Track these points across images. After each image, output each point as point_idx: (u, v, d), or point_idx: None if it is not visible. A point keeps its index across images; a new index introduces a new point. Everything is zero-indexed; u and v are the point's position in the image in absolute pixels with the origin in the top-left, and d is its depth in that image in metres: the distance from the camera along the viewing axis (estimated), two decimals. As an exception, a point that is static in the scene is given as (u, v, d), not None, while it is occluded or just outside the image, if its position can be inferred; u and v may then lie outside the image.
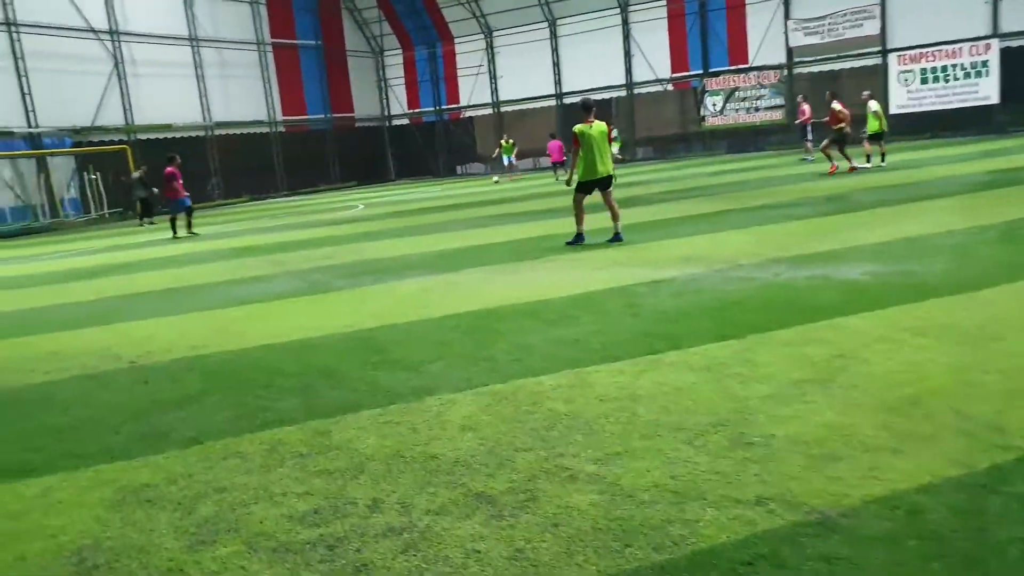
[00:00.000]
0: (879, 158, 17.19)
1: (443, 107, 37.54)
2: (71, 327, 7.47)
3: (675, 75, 31.89)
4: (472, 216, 15.56)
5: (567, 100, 34.28)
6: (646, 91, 32.72)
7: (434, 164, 38.17)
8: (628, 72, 32.58)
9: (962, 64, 27.71)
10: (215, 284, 9.53)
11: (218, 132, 30.60)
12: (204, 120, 30.06)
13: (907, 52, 28.07)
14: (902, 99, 28.46)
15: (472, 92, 36.43)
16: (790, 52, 29.53)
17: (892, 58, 28.40)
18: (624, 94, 33.01)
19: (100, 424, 4.48)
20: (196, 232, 16.89)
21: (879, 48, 28.33)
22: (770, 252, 8.21)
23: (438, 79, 37.41)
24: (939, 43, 27.26)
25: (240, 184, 31.14)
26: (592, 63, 32.98)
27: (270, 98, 32.98)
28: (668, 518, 2.82)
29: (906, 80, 28.62)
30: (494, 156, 28.19)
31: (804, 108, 22.07)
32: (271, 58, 33.04)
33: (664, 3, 31.37)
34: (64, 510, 3.35)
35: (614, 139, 29.47)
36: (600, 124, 9.37)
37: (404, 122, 38.82)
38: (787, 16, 29.18)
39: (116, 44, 26.53)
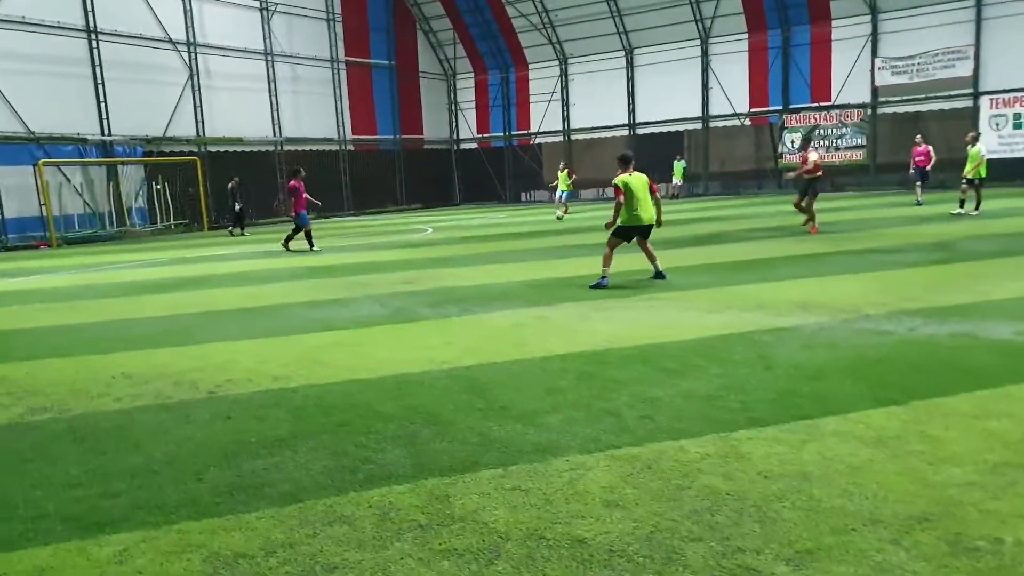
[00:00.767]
0: (973, 205, 16.01)
1: (513, 132, 37.34)
2: (144, 346, 7.10)
3: (753, 110, 30.98)
4: (548, 245, 15.00)
5: (640, 131, 33.67)
6: (722, 125, 31.88)
7: (500, 190, 37.90)
8: (705, 105, 31.80)
9: (1058, 110, 26.34)
10: (293, 305, 9.13)
11: (287, 148, 30.89)
12: (274, 135, 30.39)
13: (1000, 95, 26.70)
14: (993, 144, 26.99)
15: (543, 118, 36.13)
16: (875, 91, 28.38)
17: (984, 101, 27.03)
18: (700, 127, 32.23)
19: (181, 467, 3.98)
20: (315, 248, 16.25)
21: (971, 90, 27.03)
22: (895, 302, 7.41)
23: (509, 104, 37.25)
24: (1035, 87, 25.94)
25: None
26: (668, 94, 32.33)
27: (341, 116, 33.23)
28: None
29: (997, 125, 27.21)
30: (552, 185, 27.53)
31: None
32: (344, 76, 33.35)
33: (746, 37, 30.59)
34: (148, 582, 2.82)
35: (676, 170, 28.85)
36: (640, 175, 9.44)
37: (472, 146, 38.74)
38: (875, 54, 28.09)
39: (192, 55, 27.04)
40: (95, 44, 24.03)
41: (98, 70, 24.09)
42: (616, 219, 9.35)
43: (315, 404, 5.00)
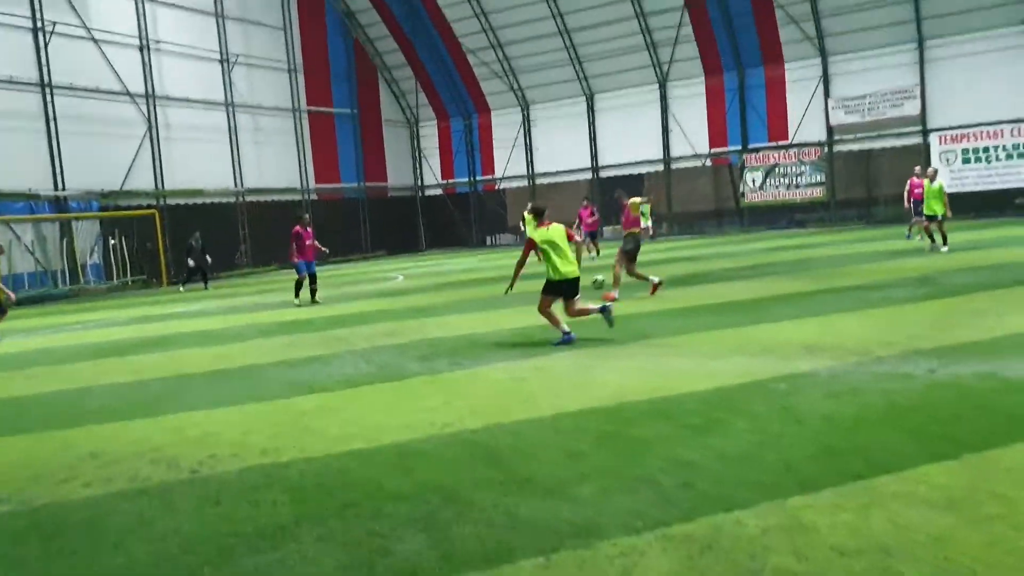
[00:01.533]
0: (941, 239, 15.97)
1: (477, 178, 37.29)
2: (111, 418, 6.48)
3: (713, 150, 31.45)
4: (527, 290, 14.62)
5: (603, 173, 33.87)
6: (683, 166, 32.28)
7: (466, 234, 37.66)
8: (665, 147, 32.20)
9: (1003, 146, 27.34)
10: (268, 365, 8.56)
11: (249, 199, 30.25)
12: (235, 186, 29.75)
13: (948, 132, 27.63)
14: (945, 178, 27.83)
15: (507, 163, 36.18)
16: (830, 130, 29.11)
17: (933, 138, 27.93)
18: (661, 168, 32.58)
19: (170, 570, 3.44)
20: (318, 301, 14.82)
21: (920, 128, 27.92)
22: (903, 341, 7.21)
23: (473, 149, 37.25)
24: (980, 124, 26.87)
25: (269, 252, 30.57)
26: (629, 137, 32.67)
27: (304, 165, 32.77)
28: None
29: (948, 160, 28.08)
30: (521, 230, 26.95)
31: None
32: (306, 124, 32.96)
33: (703, 80, 31.21)
34: None
35: (642, 213, 28.51)
36: (557, 225, 8.62)
37: (437, 192, 38.54)
38: (827, 94, 28.88)
39: (151, 107, 26.43)
40: (49, 98, 23.29)
41: (52, 124, 23.30)
42: (516, 280, 8.89)
43: (314, 482, 4.49)
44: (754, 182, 30.68)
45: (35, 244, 22.76)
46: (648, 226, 28.07)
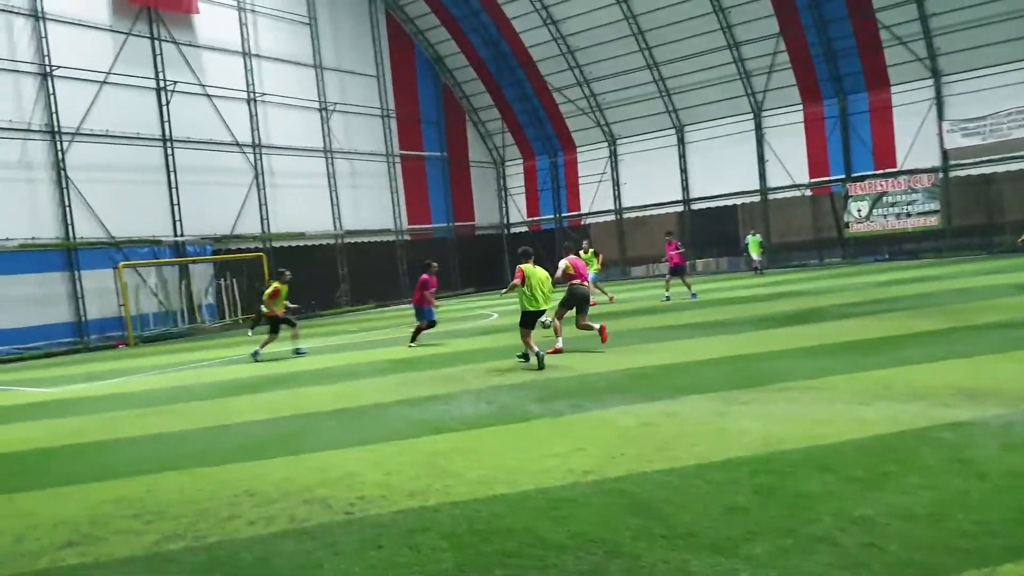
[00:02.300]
0: None
1: (563, 214, 37.46)
2: (255, 456, 6.69)
3: (814, 180, 30.51)
4: (633, 327, 14.43)
5: (695, 206, 33.40)
6: (780, 196, 31.42)
7: (552, 270, 37.64)
8: (762, 177, 31.48)
9: None
10: (390, 404, 8.69)
11: (347, 240, 31.36)
12: (334, 228, 30.92)
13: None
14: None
15: (593, 199, 36.20)
16: (945, 154, 27.66)
17: (1067, 159, 26.03)
18: (757, 199, 31.81)
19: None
20: (411, 345, 14.58)
21: (1050, 149, 26.08)
22: (1069, 385, 6.62)
23: (559, 187, 37.52)
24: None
25: (366, 291, 31.52)
26: (722, 168, 32.16)
27: (396, 207, 33.80)
28: None
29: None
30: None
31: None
32: (399, 168, 34.09)
33: (801, 108, 30.45)
34: None
35: (759, 244, 27.47)
36: (541, 270, 10.79)
37: (523, 229, 38.92)
38: (941, 117, 27.53)
39: (258, 156, 27.93)
40: (170, 151, 25.01)
41: (172, 175, 24.99)
42: (511, 292, 10.78)
43: (467, 528, 4.45)
44: (859, 211, 29.47)
45: (158, 286, 24.24)
46: (757, 259, 27.25)
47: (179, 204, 25.09)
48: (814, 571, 3.52)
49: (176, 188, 25.05)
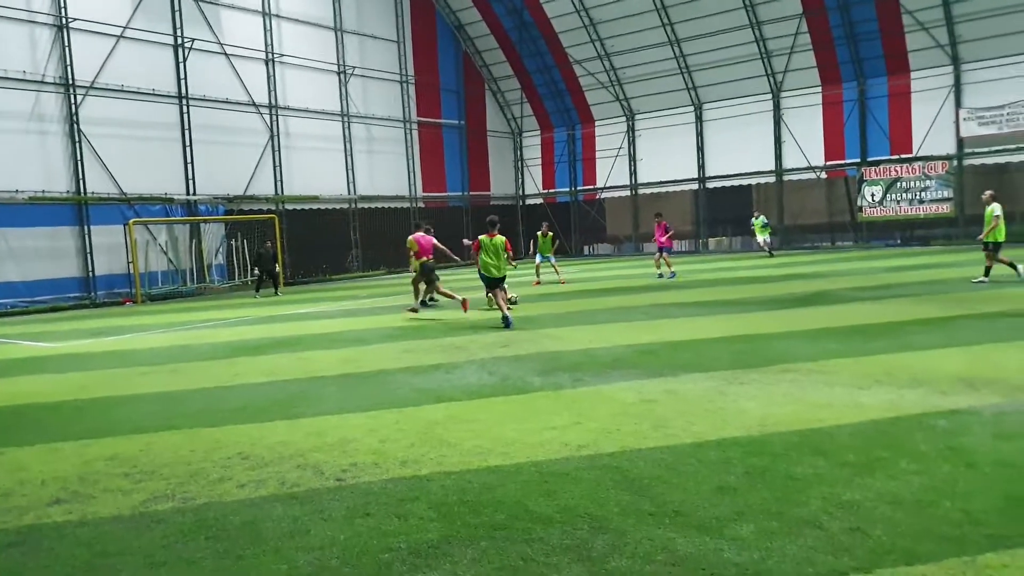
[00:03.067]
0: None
1: (578, 188, 37.25)
2: (253, 419, 6.76)
3: (829, 163, 30.13)
4: (640, 303, 14.41)
5: (710, 184, 33.11)
6: (796, 178, 31.09)
7: (565, 244, 37.63)
8: (778, 159, 31.11)
9: None
10: (394, 371, 8.74)
11: (361, 205, 31.33)
12: (349, 193, 30.88)
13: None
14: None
15: (609, 174, 35.94)
16: (961, 142, 27.25)
17: (1085, 149, 25.63)
18: (772, 180, 31.49)
19: (335, 580, 3.50)
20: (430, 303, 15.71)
21: (1067, 140, 25.67)
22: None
23: (575, 160, 37.27)
24: None
25: (378, 257, 31.56)
26: (739, 147, 31.81)
27: (412, 174, 33.68)
28: None
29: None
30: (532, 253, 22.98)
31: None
32: (416, 135, 33.90)
33: (819, 90, 29.97)
34: None
35: (764, 226, 27.17)
36: (500, 237, 12.71)
37: (538, 201, 38.75)
38: (958, 104, 27.06)
39: (274, 117, 27.82)
40: (185, 109, 24.94)
41: (187, 133, 24.94)
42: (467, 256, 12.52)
43: (457, 499, 4.49)
44: (873, 196, 29.13)
45: (168, 245, 24.35)
46: (765, 239, 26.83)
47: (192, 163, 25.09)
48: (797, 554, 3.53)
49: (190, 146, 25.03)
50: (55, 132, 21.89)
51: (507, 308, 12.27)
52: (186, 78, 24.91)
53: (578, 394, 7.16)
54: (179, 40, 24.80)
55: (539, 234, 21.67)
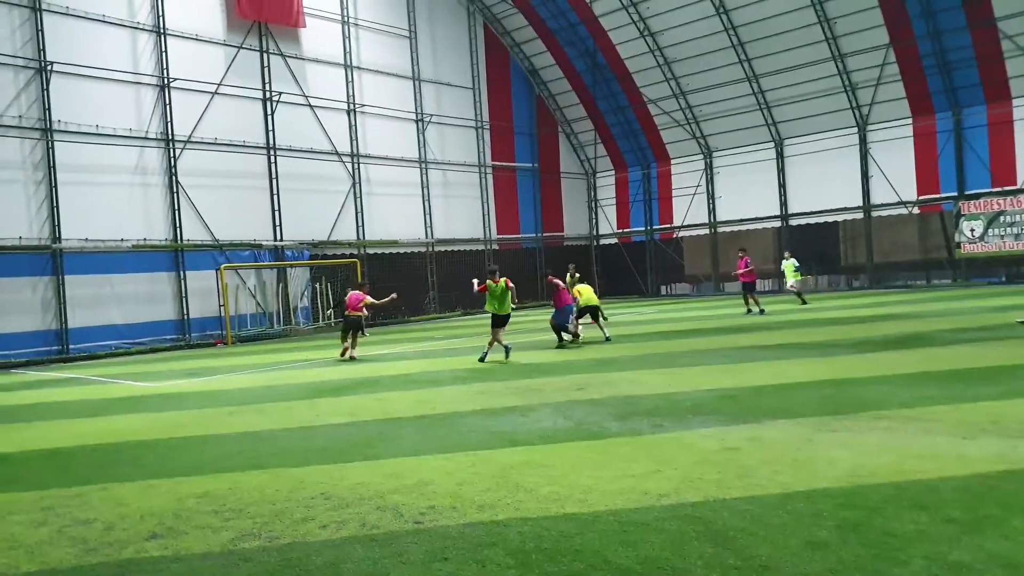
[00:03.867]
0: None
1: (654, 227, 36.91)
2: (335, 459, 6.87)
3: (922, 197, 28.83)
4: (721, 346, 14.02)
5: (793, 221, 32.21)
6: (885, 214, 29.88)
7: (641, 283, 37.23)
8: (865, 194, 30.01)
9: None
10: (468, 413, 8.76)
11: (438, 248, 31.96)
12: (426, 237, 31.58)
13: None
14: None
15: (687, 212, 35.50)
16: (1071, 173, 25.66)
17: None
18: (860, 216, 30.37)
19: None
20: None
21: None
22: None
23: (651, 199, 37.03)
24: None
25: (455, 298, 32.03)
26: (823, 183, 30.84)
27: (487, 216, 34.22)
28: None
29: None
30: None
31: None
32: (490, 179, 34.51)
33: (910, 122, 28.89)
34: None
35: (796, 269, 23.80)
36: (503, 281, 14.15)
37: (612, 241, 38.59)
38: (1068, 132, 25.56)
39: (356, 165, 28.89)
40: (273, 159, 26.24)
41: (274, 182, 26.20)
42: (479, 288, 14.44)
43: (535, 546, 4.41)
44: (973, 231, 27.61)
45: (256, 288, 25.42)
46: (793, 283, 24.37)
47: (279, 210, 26.26)
48: (900, 619, 3.29)
49: (277, 194, 26.24)
50: (156, 184, 23.35)
51: (504, 342, 13.97)
52: (274, 130, 26.24)
53: (657, 440, 6.97)
54: (267, 94, 26.20)
55: (568, 276, 20.40)
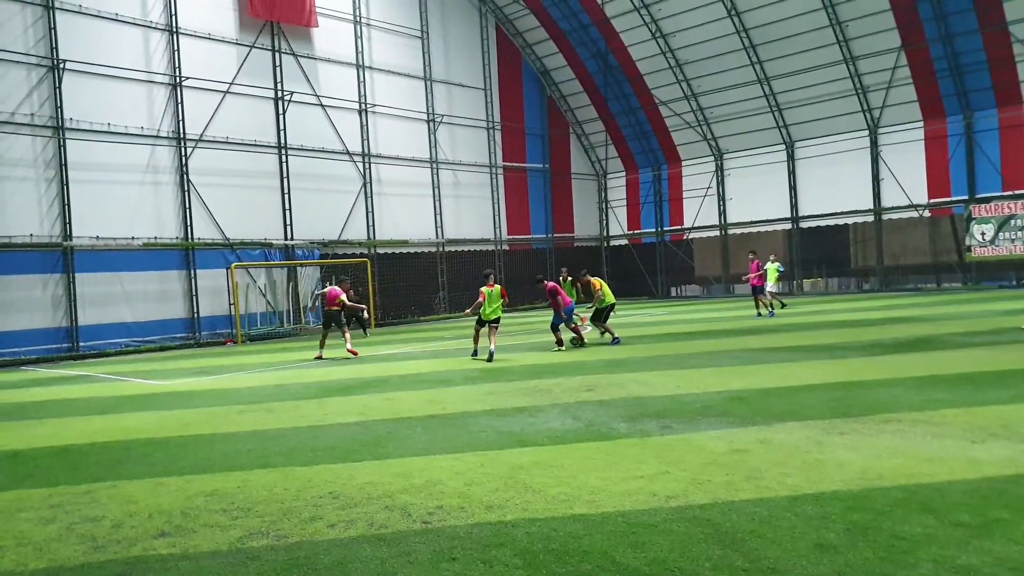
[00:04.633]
0: None
1: (665, 228, 36.87)
2: (344, 458, 6.91)
3: (933, 200, 28.69)
4: (730, 348, 14.00)
5: (803, 224, 32.09)
6: (895, 216, 29.74)
7: (651, 285, 37.18)
8: (876, 196, 29.89)
9: None
10: (478, 413, 8.79)
11: (448, 248, 32.03)
12: (436, 237, 31.65)
13: None
14: None
15: (697, 214, 35.44)
16: (1083, 176, 25.49)
17: None
18: (870, 219, 30.23)
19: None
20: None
21: None
22: None
23: (661, 200, 36.99)
24: None
25: (464, 298, 32.04)
26: (834, 186, 30.77)
27: (497, 217, 34.27)
28: None
29: None
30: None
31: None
32: (501, 179, 34.57)
33: (921, 125, 28.74)
34: None
35: (769, 272, 22.46)
36: (497, 287, 14.62)
37: (622, 242, 38.56)
38: (1080, 135, 25.39)
39: (366, 165, 28.99)
40: (284, 158, 26.38)
41: (285, 181, 26.33)
42: (477, 312, 14.59)
43: (543, 547, 4.43)
44: (984, 235, 27.46)
45: (266, 287, 25.54)
46: (772, 288, 23.34)
47: (290, 209, 26.38)
48: (907, 623, 3.29)
49: (288, 193, 26.36)
50: (167, 183, 23.51)
51: (493, 346, 14.24)
52: (285, 129, 26.37)
53: (666, 442, 6.98)
54: (279, 93, 26.34)
55: (561, 279, 19.61)
